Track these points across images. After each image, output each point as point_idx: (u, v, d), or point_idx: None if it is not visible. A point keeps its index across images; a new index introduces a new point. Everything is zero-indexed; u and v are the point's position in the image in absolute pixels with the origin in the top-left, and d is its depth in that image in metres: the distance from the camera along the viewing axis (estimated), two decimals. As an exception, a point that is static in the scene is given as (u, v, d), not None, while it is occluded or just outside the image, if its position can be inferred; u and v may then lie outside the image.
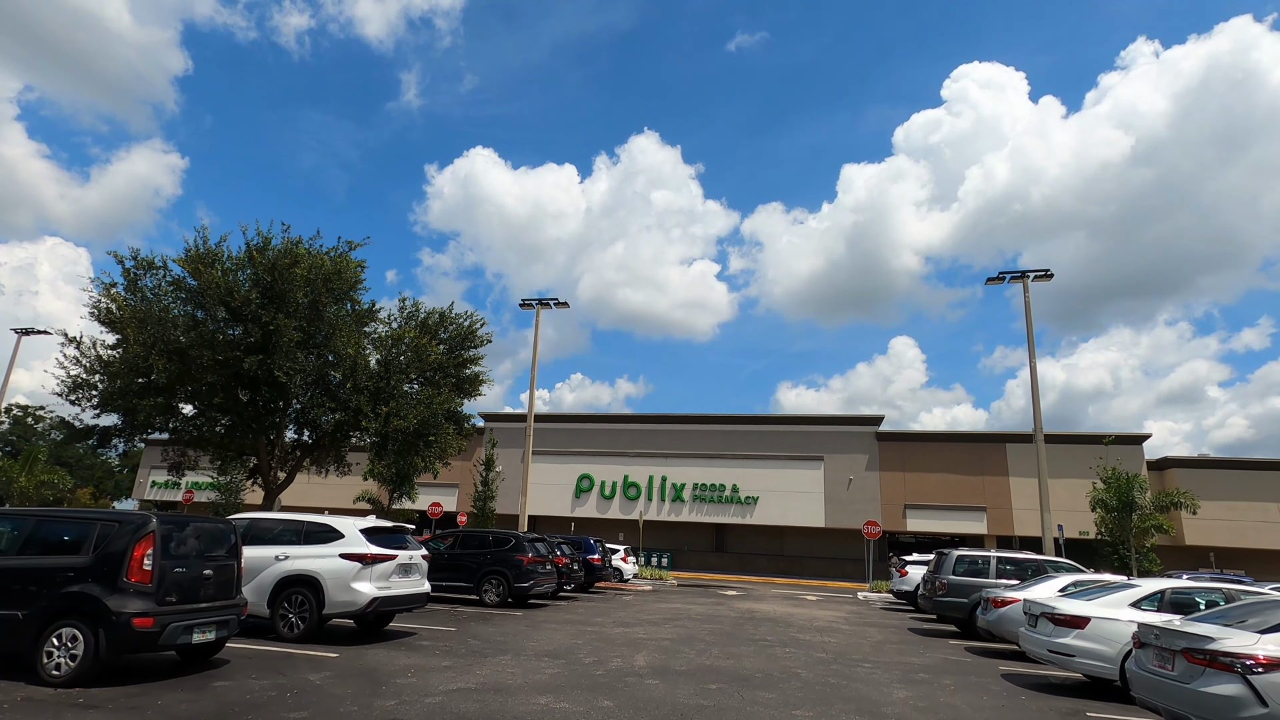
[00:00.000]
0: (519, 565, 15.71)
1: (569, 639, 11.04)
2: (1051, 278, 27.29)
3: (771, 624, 14.92)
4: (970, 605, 13.93)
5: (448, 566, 16.14)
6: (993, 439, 39.51)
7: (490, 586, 15.69)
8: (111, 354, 12.74)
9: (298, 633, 9.38)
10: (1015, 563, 14.42)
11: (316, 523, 10.14)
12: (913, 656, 11.19)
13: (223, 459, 16.00)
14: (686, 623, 14.30)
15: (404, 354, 14.73)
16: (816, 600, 23.06)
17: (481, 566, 15.86)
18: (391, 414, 13.51)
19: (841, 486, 39.33)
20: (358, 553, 9.65)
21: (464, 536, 16.66)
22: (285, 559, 9.72)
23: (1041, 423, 25.39)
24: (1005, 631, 11.57)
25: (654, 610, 16.73)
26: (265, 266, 12.91)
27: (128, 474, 63.09)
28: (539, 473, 43.30)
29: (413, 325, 15.59)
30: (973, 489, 38.41)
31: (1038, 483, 24.93)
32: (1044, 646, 8.92)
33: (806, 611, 18.49)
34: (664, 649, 10.51)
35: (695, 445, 41.80)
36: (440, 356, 15.41)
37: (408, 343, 14.84)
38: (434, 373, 15.48)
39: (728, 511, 40.31)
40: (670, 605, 18.32)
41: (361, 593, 9.47)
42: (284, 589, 9.57)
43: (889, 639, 13.33)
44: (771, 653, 10.75)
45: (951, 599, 14.15)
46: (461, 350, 16.13)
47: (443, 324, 16.13)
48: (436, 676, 7.70)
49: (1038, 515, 37.33)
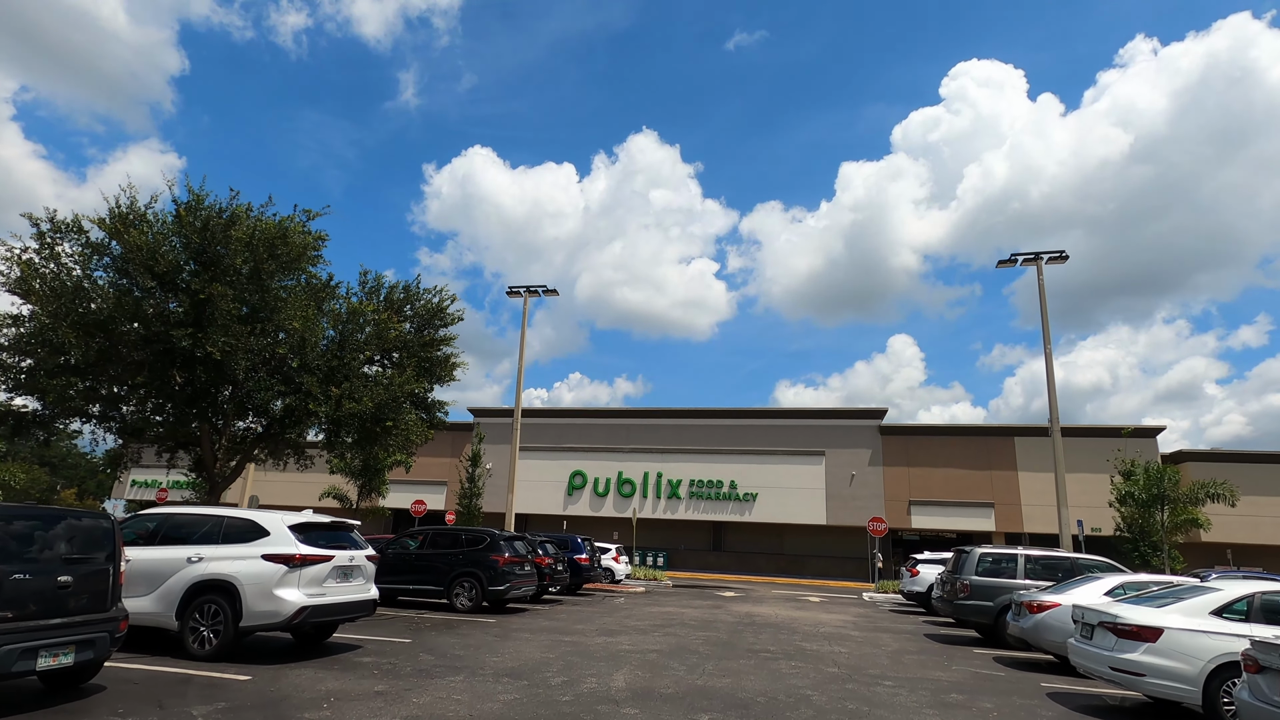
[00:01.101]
0: (494, 566, 14.17)
1: (540, 652, 9.51)
2: (1066, 259, 25.85)
3: (773, 631, 13.41)
4: (996, 609, 12.42)
5: (415, 568, 14.62)
6: (1001, 432, 38.01)
7: (462, 590, 14.15)
8: (17, 330, 11.12)
9: (209, 649, 7.84)
10: (1046, 561, 12.92)
11: (239, 518, 8.59)
12: (938, 671, 9.68)
13: (166, 450, 14.42)
14: (679, 630, 12.78)
15: (361, 331, 13.11)
16: (820, 602, 21.56)
17: (452, 568, 14.31)
18: (344, 396, 11.92)
19: (844, 482, 37.82)
20: (283, 553, 8.10)
21: (434, 535, 15.11)
22: (199, 561, 8.17)
23: (1058, 413, 23.91)
24: (1044, 641, 10.06)
25: (644, 615, 15.21)
26: (196, 228, 11.32)
27: (111, 474, 61.46)
28: (529, 469, 41.74)
29: (376, 301, 13.99)
30: (980, 484, 36.91)
31: (1054, 477, 23.44)
32: (1103, 662, 7.41)
33: (810, 615, 16.98)
34: (649, 664, 8.99)
35: (692, 440, 40.26)
36: (403, 334, 13.78)
37: (368, 318, 13.25)
38: (398, 353, 13.88)
39: (726, 509, 38.77)
40: (662, 609, 16.80)
41: (286, 601, 7.93)
42: (195, 597, 8.02)
43: (906, 648, 11.82)
44: (775, 668, 9.24)
45: (975, 602, 12.63)
46: (429, 329, 14.52)
47: (408, 300, 14.53)
48: (357, 709, 6.16)
49: (1048, 511, 35.96)
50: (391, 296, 14.26)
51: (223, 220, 11.42)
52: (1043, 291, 25.85)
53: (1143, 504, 21.30)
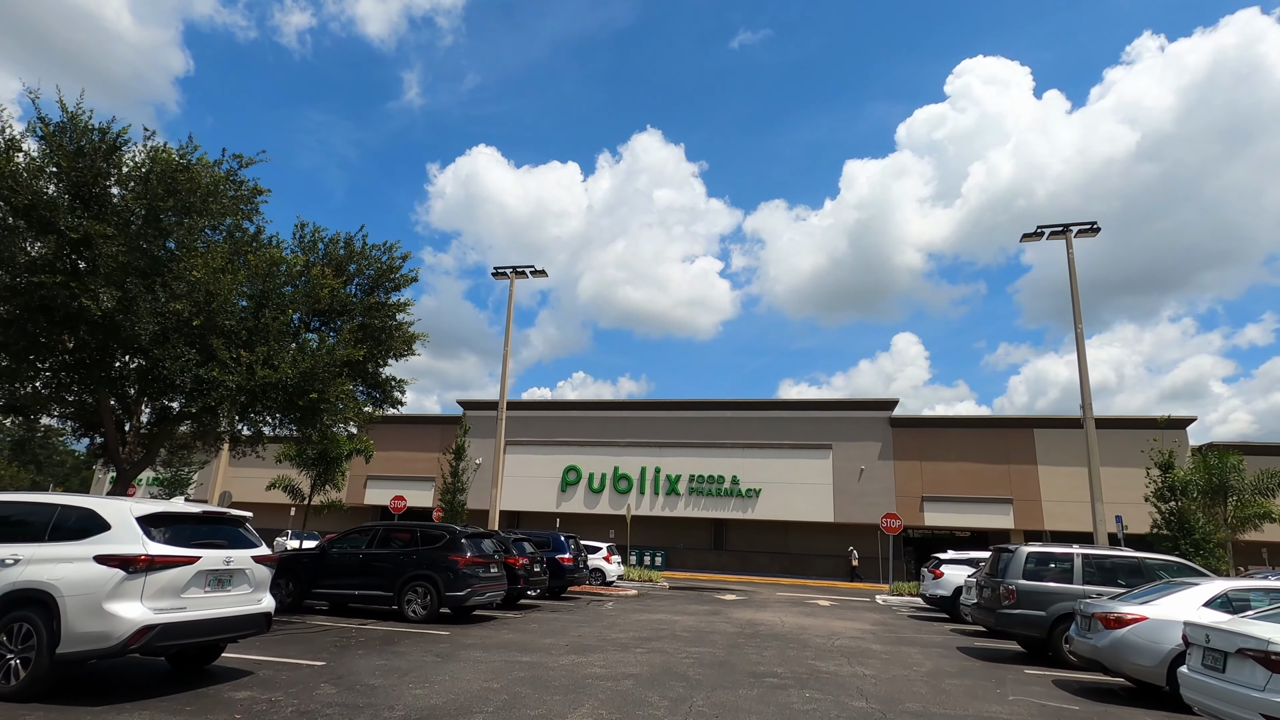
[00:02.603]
0: (452, 568, 12.09)
1: (483, 680, 7.43)
2: (1098, 231, 23.73)
3: (780, 644, 11.31)
4: (1050, 620, 10.29)
5: (363, 570, 12.56)
6: (1019, 424, 35.82)
7: (414, 596, 12.08)
8: None
9: (14, 686, 5.77)
10: (1107, 562, 10.77)
11: (77, 507, 6.51)
12: (992, 703, 7.57)
13: (72, 431, 12.41)
14: (667, 645, 10.68)
15: (286, 287, 10.94)
16: (830, 607, 19.45)
17: (404, 570, 12.23)
18: (258, 362, 9.80)
19: (852, 477, 35.67)
20: (122, 554, 6.02)
21: (385, 532, 13.02)
22: (14, 564, 6.10)
23: (1090, 398, 21.74)
24: (1127, 664, 7.94)
25: (630, 624, 13.13)
26: (68, 151, 9.24)
27: (90, 469, 59.32)
28: (520, 464, 39.69)
29: (314, 258, 11.82)
30: (997, 479, 34.71)
31: (1088, 470, 21.28)
32: (1249, 707, 5.29)
33: (822, 623, 14.88)
34: (619, 698, 6.90)
35: (692, 434, 38.13)
36: (343, 295, 11.53)
37: (296, 272, 11.09)
38: (341, 318, 11.72)
39: (727, 505, 36.64)
40: (653, 617, 14.71)
41: (120, 619, 5.83)
42: (5, 612, 5.96)
43: (943, 668, 9.71)
44: (786, 701, 7.14)
45: (1023, 611, 10.49)
46: (379, 291, 12.36)
47: (351, 257, 12.33)
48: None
49: (1071, 508, 33.74)
50: (332, 252, 12.11)
51: (99, 146, 9.34)
52: (1072, 266, 23.73)
53: (1205, 494, 19.01)
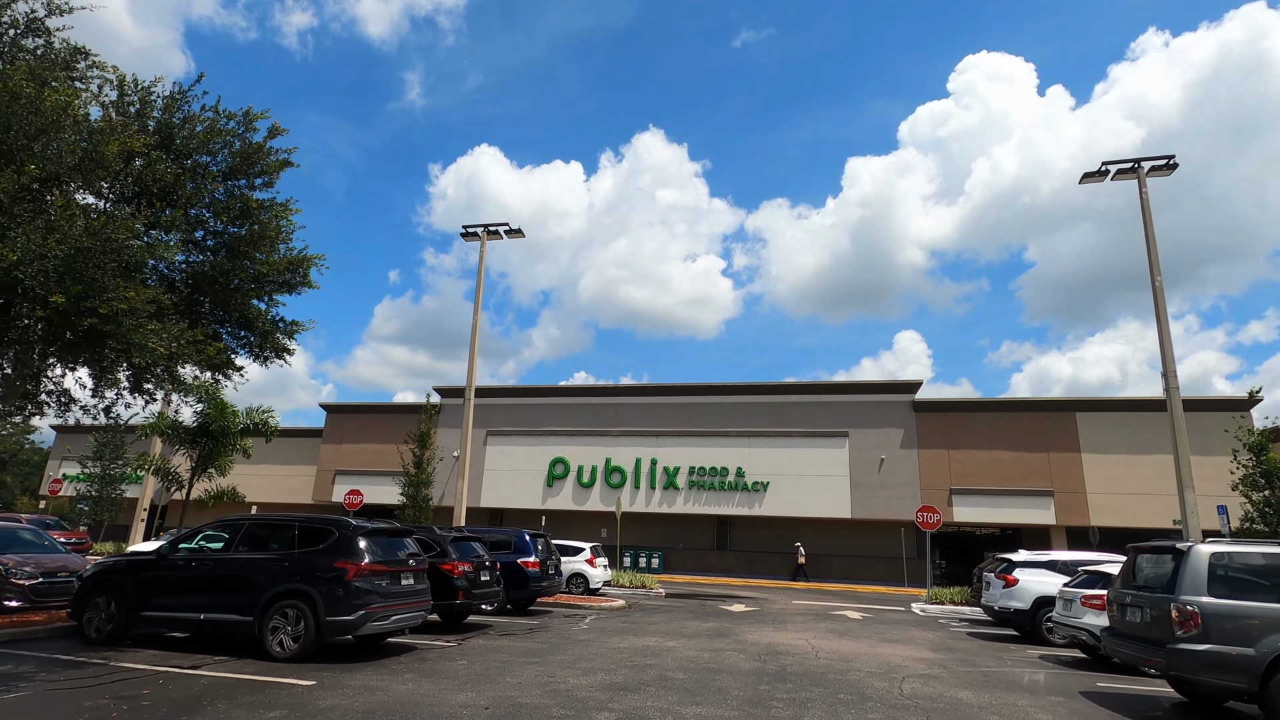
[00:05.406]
0: (338, 580, 8.24)
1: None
2: (1175, 168, 19.93)
3: (826, 692, 7.47)
4: (1263, 662, 6.46)
5: (213, 584, 8.71)
6: (1059, 406, 31.94)
7: (281, 621, 8.21)
8: None
9: None
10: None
11: None
12: None
13: None
14: (653, 700, 6.83)
15: (49, 131, 6.82)
16: (864, 621, 15.58)
17: (271, 584, 8.37)
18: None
19: (871, 468, 31.80)
20: None
21: (251, 528, 9.16)
22: None
23: (1174, 366, 17.92)
24: None
25: (605, 657, 9.26)
26: None
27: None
28: (502, 456, 35.85)
29: (124, 109, 7.82)
30: (1036, 469, 30.82)
31: (1173, 455, 17.52)
32: None
33: (867, 648, 11.02)
34: None
35: (692, 421, 34.28)
36: (160, 168, 7.45)
37: (67, 112, 6.99)
38: (162, 201, 7.63)
39: (732, 500, 32.77)
40: (639, 642, 10.86)
41: None
42: None
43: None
44: None
45: (1215, 648, 6.64)
46: (237, 183, 8.47)
47: (185, 124, 8.28)
48: None
49: (1121, 500, 29.76)
50: (147, 113, 8.08)
51: None
52: (1146, 208, 20.03)
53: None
